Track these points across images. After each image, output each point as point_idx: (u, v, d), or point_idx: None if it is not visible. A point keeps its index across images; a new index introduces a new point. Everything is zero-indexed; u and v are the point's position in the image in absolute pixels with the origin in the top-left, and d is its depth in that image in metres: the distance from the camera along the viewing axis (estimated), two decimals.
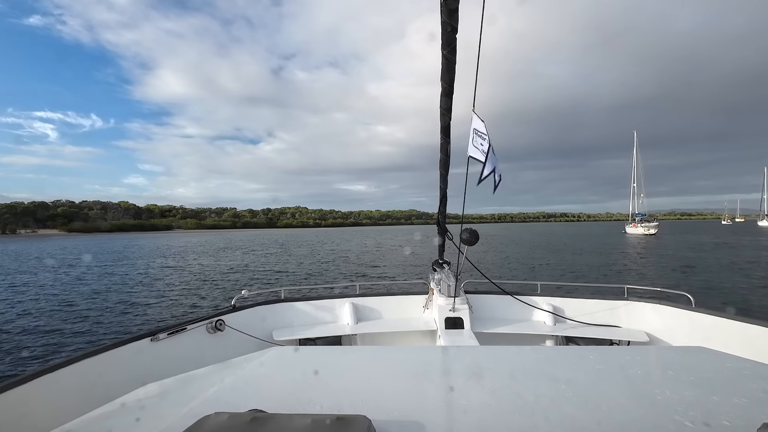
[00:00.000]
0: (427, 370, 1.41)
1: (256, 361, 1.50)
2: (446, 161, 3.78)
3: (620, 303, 4.17)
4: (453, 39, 2.61)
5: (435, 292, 4.26)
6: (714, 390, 1.09)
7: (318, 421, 0.82)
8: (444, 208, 4.21)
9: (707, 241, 40.58)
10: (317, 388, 1.20)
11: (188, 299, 14.07)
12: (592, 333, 3.94)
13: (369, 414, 0.87)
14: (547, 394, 1.08)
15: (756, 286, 14.42)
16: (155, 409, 1.15)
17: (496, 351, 1.64)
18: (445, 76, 2.93)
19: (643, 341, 3.73)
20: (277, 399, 1.10)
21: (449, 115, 3.29)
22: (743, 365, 1.31)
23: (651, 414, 0.95)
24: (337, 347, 3.62)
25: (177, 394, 1.25)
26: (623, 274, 18.99)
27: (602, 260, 24.98)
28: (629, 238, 49.67)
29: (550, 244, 42.24)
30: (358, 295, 4.65)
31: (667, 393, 1.07)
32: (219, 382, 1.29)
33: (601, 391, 1.12)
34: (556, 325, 4.14)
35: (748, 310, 10.34)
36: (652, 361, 1.44)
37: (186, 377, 1.38)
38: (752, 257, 24.57)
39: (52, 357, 7.74)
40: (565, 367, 1.36)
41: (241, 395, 1.15)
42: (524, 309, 4.30)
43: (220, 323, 3.67)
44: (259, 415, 0.88)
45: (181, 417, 0.97)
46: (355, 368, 1.44)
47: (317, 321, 4.45)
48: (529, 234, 78.34)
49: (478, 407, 1.02)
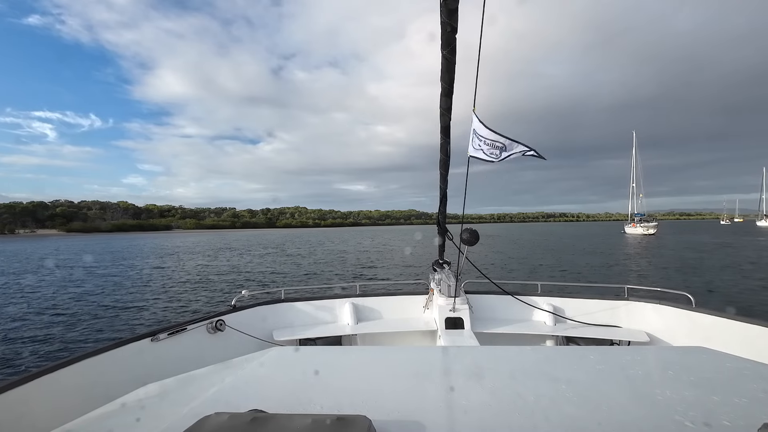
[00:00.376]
0: (427, 370, 1.41)
1: (256, 361, 1.50)
2: (446, 161, 3.77)
3: (620, 303, 4.17)
4: (453, 39, 2.61)
5: (435, 292, 4.25)
6: (714, 390, 1.09)
7: (318, 421, 0.82)
8: (444, 209, 4.21)
9: (708, 241, 40.62)
10: (317, 388, 1.20)
11: (196, 296, 14.12)
12: (592, 333, 3.94)
13: (369, 414, 0.87)
14: (547, 394, 1.08)
15: (759, 287, 14.38)
16: (155, 409, 1.15)
17: (496, 351, 1.64)
18: (445, 76, 2.92)
19: (644, 341, 3.73)
20: (277, 399, 1.10)
21: (449, 115, 3.28)
22: (743, 365, 1.31)
23: (651, 414, 0.95)
24: (338, 347, 3.60)
25: (177, 394, 1.25)
26: (623, 274, 18.95)
27: (602, 260, 25.00)
28: (628, 238, 49.58)
29: (549, 244, 42.25)
30: (358, 296, 4.65)
31: (668, 393, 1.07)
32: (219, 382, 1.29)
33: (602, 391, 1.12)
34: (556, 325, 4.14)
35: (749, 309, 10.34)
36: (652, 361, 1.44)
37: (186, 377, 1.38)
38: (755, 257, 24.53)
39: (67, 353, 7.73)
40: (565, 367, 1.36)
41: (242, 395, 1.15)
42: (525, 309, 4.30)
43: (220, 323, 3.66)
44: (260, 415, 0.88)
45: (182, 417, 0.97)
46: (355, 368, 1.44)
47: (317, 321, 4.44)
48: (529, 234, 78.50)
49: (478, 407, 1.02)
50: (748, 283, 15.06)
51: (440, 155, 3.75)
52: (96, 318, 11.10)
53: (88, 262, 30.00)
